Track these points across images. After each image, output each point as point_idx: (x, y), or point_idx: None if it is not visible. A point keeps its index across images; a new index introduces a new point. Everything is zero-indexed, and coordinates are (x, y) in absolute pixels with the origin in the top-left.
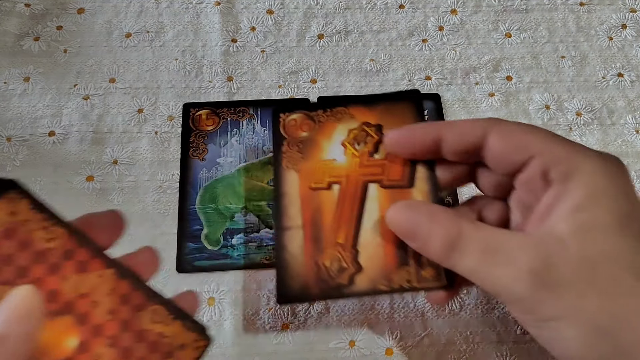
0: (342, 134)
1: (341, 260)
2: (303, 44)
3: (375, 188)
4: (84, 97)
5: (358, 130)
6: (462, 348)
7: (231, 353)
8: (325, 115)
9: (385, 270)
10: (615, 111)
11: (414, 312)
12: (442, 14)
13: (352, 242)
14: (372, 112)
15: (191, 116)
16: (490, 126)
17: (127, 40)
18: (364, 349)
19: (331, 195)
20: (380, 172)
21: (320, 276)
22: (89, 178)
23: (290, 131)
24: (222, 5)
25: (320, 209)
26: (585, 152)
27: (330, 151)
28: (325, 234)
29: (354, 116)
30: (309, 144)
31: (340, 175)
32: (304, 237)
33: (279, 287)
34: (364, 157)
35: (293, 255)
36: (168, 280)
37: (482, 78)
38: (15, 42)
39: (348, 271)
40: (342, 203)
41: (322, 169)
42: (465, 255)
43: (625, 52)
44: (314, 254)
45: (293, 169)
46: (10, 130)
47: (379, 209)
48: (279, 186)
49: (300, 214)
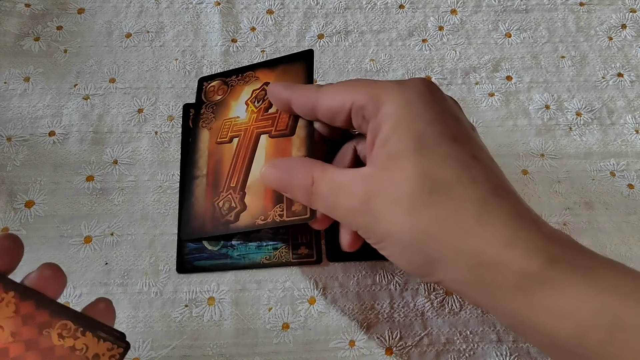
0: (247, 95)
1: (231, 201)
2: (303, 44)
3: (265, 138)
4: (84, 97)
5: (259, 90)
6: (462, 348)
7: (231, 353)
8: (237, 80)
9: (264, 208)
10: (615, 111)
11: (414, 312)
12: (442, 14)
13: (242, 185)
14: (273, 73)
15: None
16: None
17: (127, 40)
18: (364, 349)
19: (231, 147)
20: (270, 124)
21: (214, 215)
22: (89, 178)
23: (209, 96)
24: (222, 5)
25: (221, 159)
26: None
27: (236, 110)
28: (222, 180)
29: (258, 78)
30: (221, 106)
31: (240, 130)
32: (207, 183)
33: (181, 225)
34: (260, 112)
35: (197, 198)
36: (168, 280)
37: (482, 78)
38: (15, 42)
39: (236, 210)
40: (238, 153)
41: (227, 125)
42: (320, 197)
43: (625, 52)
44: (212, 197)
45: (206, 127)
46: (10, 130)
47: (266, 156)
48: (194, 143)
49: (206, 165)
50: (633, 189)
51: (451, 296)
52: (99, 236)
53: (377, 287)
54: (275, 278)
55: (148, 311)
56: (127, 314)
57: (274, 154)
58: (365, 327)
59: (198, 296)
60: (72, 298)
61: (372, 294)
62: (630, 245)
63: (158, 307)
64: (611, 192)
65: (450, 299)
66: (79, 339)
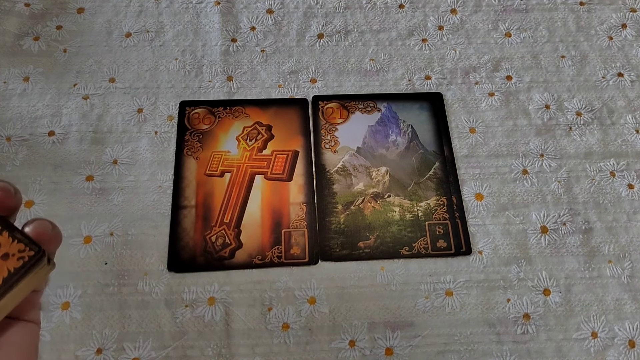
0: (237, 130)
1: (225, 237)
2: (303, 43)
3: (260, 179)
4: (84, 97)
5: (251, 128)
6: (462, 348)
7: (232, 353)
8: (225, 112)
9: (261, 247)
10: (615, 111)
11: (414, 312)
12: (442, 13)
13: (236, 222)
14: (265, 114)
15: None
16: None
17: (127, 40)
18: (364, 349)
19: (222, 181)
20: (265, 165)
21: (207, 249)
22: (89, 178)
23: (193, 123)
24: (222, 5)
25: (212, 192)
26: None
27: (226, 144)
28: (214, 214)
29: (249, 115)
30: (208, 136)
31: (232, 166)
32: (196, 215)
33: (171, 256)
34: (253, 151)
35: (185, 230)
36: (168, 280)
37: (482, 78)
38: (15, 41)
39: (231, 247)
40: (231, 189)
41: (217, 158)
42: None
43: (625, 51)
44: (203, 231)
45: (192, 156)
46: (10, 130)
47: (262, 197)
48: (178, 170)
49: (195, 196)
50: (633, 189)
51: (451, 296)
52: (99, 236)
53: (377, 288)
54: (275, 278)
55: (148, 311)
56: (127, 314)
57: (270, 197)
58: (365, 327)
59: (198, 296)
60: (72, 298)
61: (372, 295)
62: (632, 245)
63: (158, 307)
64: (611, 192)
65: (450, 299)
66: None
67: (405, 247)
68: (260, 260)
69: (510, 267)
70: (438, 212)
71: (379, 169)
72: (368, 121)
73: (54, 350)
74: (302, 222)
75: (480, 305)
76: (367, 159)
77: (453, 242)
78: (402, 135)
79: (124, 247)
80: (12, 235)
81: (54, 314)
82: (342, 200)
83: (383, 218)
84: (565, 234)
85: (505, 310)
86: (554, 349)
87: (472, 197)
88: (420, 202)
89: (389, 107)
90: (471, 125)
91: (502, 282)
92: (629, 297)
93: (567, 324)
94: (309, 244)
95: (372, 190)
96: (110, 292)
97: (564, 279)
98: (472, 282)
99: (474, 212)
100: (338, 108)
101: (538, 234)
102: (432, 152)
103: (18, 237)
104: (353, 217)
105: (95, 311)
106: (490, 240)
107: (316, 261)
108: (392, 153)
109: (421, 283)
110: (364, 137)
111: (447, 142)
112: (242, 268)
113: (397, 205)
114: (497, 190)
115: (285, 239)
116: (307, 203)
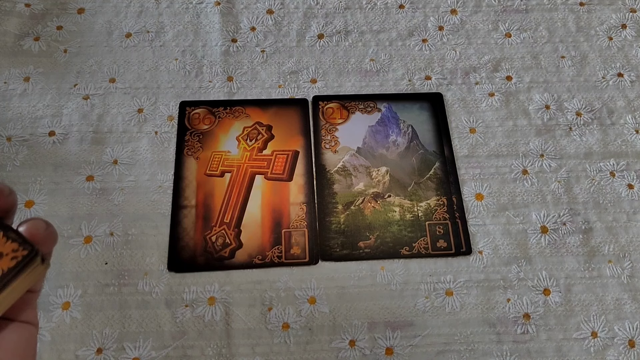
0: (237, 130)
1: (226, 237)
2: (303, 43)
3: (260, 179)
4: (84, 97)
5: (251, 128)
6: (462, 348)
7: (232, 352)
8: (225, 112)
9: (261, 247)
10: (615, 111)
11: (414, 312)
12: (442, 14)
13: (236, 222)
14: (265, 114)
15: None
16: None
17: (127, 40)
18: (364, 348)
19: (223, 181)
20: (266, 165)
21: (207, 249)
22: (89, 178)
23: (193, 123)
24: (222, 5)
25: (212, 192)
26: None
27: (226, 144)
28: (214, 214)
29: (249, 115)
30: (208, 136)
31: (232, 166)
32: (196, 215)
33: (171, 256)
34: (254, 151)
35: (185, 229)
36: (168, 280)
37: (482, 78)
38: (15, 42)
39: (231, 247)
40: (231, 189)
41: (217, 158)
42: None
43: (625, 52)
44: (203, 230)
45: (192, 156)
46: (11, 130)
47: (262, 197)
48: (179, 170)
49: (195, 196)
50: (633, 189)
51: (451, 296)
52: (99, 236)
53: (377, 288)
54: (275, 278)
55: (148, 311)
56: (127, 314)
57: (271, 197)
58: (365, 327)
59: (198, 296)
60: (72, 298)
61: (373, 295)
62: (632, 245)
63: (158, 307)
64: (611, 192)
65: (451, 299)
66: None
67: (405, 247)
68: (261, 260)
69: (511, 267)
70: (438, 212)
71: (379, 169)
72: (368, 121)
73: (54, 350)
74: (302, 222)
75: (480, 305)
76: (368, 159)
77: (453, 242)
78: (402, 135)
79: (124, 247)
80: (6, 234)
81: (54, 314)
82: (342, 200)
83: (383, 218)
84: (565, 234)
85: (506, 310)
86: (554, 348)
87: (472, 197)
88: (420, 202)
89: (389, 107)
90: (471, 126)
91: (502, 282)
92: (629, 297)
93: (567, 324)
94: (309, 244)
95: (372, 190)
96: (110, 292)
97: (564, 278)
98: (472, 282)
99: (474, 212)
100: (338, 108)
101: (538, 234)
102: (432, 152)
103: (12, 237)
104: (353, 217)
105: (95, 311)
106: (490, 240)
107: (316, 261)
108: (392, 153)
109: (421, 283)
110: (364, 137)
111: (447, 142)
112: (242, 268)
113: (397, 205)
114: (497, 190)
115: (286, 239)
116: (307, 203)
